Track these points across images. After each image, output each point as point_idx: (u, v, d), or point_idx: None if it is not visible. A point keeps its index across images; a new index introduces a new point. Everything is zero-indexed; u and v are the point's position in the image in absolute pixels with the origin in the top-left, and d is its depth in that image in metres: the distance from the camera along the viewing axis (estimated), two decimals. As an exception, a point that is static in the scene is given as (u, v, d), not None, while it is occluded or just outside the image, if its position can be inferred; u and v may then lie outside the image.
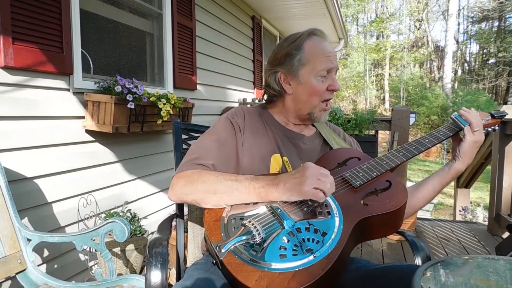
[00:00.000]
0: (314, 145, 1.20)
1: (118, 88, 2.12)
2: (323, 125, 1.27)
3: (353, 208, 0.91)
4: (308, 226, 0.87)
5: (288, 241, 0.83)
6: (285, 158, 1.11)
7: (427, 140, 1.08)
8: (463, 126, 1.05)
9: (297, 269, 0.77)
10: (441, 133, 1.09)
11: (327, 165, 1.08)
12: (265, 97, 1.23)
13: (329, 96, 1.13)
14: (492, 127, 1.14)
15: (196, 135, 1.38)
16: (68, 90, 2.07)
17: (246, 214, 0.91)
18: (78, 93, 2.12)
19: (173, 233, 1.50)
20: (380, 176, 1.00)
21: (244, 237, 0.84)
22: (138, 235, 2.20)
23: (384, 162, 1.04)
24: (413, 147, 1.07)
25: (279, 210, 0.89)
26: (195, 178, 0.98)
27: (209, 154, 1.04)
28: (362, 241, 0.97)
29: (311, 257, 0.79)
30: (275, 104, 1.21)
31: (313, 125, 1.25)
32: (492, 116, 1.13)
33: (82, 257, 2.14)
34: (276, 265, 0.78)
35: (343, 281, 0.94)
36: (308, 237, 0.84)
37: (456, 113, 1.09)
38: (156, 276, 0.89)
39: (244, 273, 0.77)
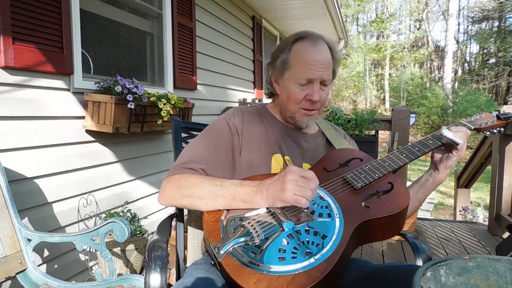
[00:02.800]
0: (317, 144, 1.19)
1: (118, 88, 2.12)
2: (326, 124, 1.26)
3: (354, 211, 0.90)
4: (308, 228, 0.86)
5: (288, 243, 0.82)
6: (287, 158, 1.10)
7: (430, 142, 1.07)
8: (460, 141, 1.00)
9: (296, 272, 0.76)
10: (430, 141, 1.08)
11: (329, 165, 1.07)
12: (267, 92, 1.23)
13: (308, 106, 1.07)
14: (498, 129, 1.12)
15: (196, 133, 1.37)
16: (68, 90, 2.07)
17: (245, 215, 0.90)
18: (78, 93, 2.12)
19: (173, 233, 1.50)
20: (382, 178, 0.99)
21: (243, 239, 0.84)
22: (138, 235, 2.20)
23: (387, 163, 1.02)
24: (416, 149, 1.06)
25: (279, 211, 0.89)
26: (182, 183, 0.97)
27: (200, 158, 1.03)
28: (363, 243, 0.97)
29: (311, 260, 0.78)
30: (274, 102, 1.20)
31: (316, 123, 1.24)
32: (498, 118, 1.11)
33: (82, 257, 2.14)
34: (275, 268, 0.77)
35: (343, 281, 0.94)
36: (308, 239, 0.83)
37: (445, 131, 1.02)
38: (155, 279, 0.88)
39: (242, 276, 0.77)
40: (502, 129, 1.13)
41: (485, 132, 1.13)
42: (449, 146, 1.04)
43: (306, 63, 1.04)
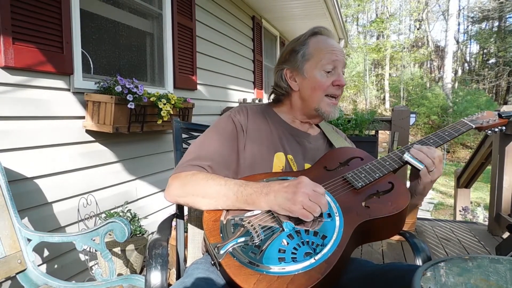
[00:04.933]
0: (319, 145, 1.19)
1: (118, 88, 2.12)
2: (327, 126, 1.27)
3: (354, 211, 0.90)
4: (308, 228, 0.85)
5: (288, 243, 0.82)
6: (290, 156, 1.10)
7: (431, 141, 1.05)
8: (420, 167, 0.96)
9: (296, 273, 0.76)
10: (447, 133, 1.07)
11: (329, 164, 1.07)
12: (272, 96, 1.23)
13: (335, 91, 1.11)
14: (499, 127, 1.11)
15: (196, 134, 1.37)
16: (68, 90, 2.07)
17: (245, 215, 0.90)
18: (78, 93, 2.12)
19: (173, 233, 1.50)
20: (382, 178, 0.99)
21: (242, 239, 0.83)
22: (138, 235, 2.20)
23: (387, 163, 1.02)
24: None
25: None
26: (187, 180, 0.98)
27: (207, 155, 1.04)
28: (363, 243, 0.96)
29: (311, 261, 0.78)
30: (282, 103, 1.20)
31: (317, 126, 1.24)
32: (500, 116, 1.10)
33: (82, 257, 2.14)
34: (274, 268, 0.77)
35: (343, 281, 0.94)
36: (307, 240, 0.83)
37: (407, 154, 0.99)
38: (156, 277, 0.89)
39: (242, 276, 0.77)
40: (504, 127, 1.12)
41: (486, 130, 1.12)
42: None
43: (328, 49, 1.09)
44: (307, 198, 0.84)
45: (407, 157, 0.99)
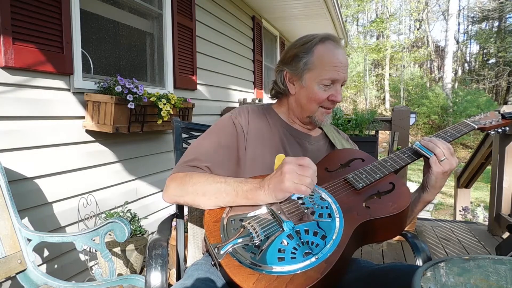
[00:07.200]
0: (320, 146, 1.19)
1: (118, 88, 2.12)
2: (329, 127, 1.27)
3: (354, 211, 0.90)
4: (307, 228, 0.85)
5: (287, 243, 0.82)
6: None
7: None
8: (428, 156, 0.97)
9: (295, 273, 0.76)
10: (448, 134, 1.06)
11: (330, 165, 1.07)
12: (272, 92, 1.23)
13: (329, 105, 1.11)
14: (502, 128, 1.11)
15: (196, 134, 1.37)
16: (68, 90, 2.07)
17: (246, 216, 0.90)
18: (78, 93, 2.12)
19: (173, 233, 1.50)
20: (383, 178, 0.99)
21: (242, 239, 0.84)
22: (138, 235, 2.20)
23: (388, 163, 1.02)
24: None
25: (279, 211, 0.89)
26: (186, 180, 0.98)
27: (205, 156, 1.04)
28: (364, 244, 0.96)
29: (310, 261, 0.78)
30: (281, 102, 1.21)
31: (319, 127, 1.24)
32: (503, 117, 1.10)
33: (82, 257, 2.15)
34: (274, 268, 0.77)
35: (343, 281, 0.94)
36: (307, 240, 0.83)
37: (417, 143, 1.01)
38: (155, 278, 0.89)
39: (241, 276, 0.77)
40: (507, 128, 1.11)
41: (489, 131, 1.12)
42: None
43: (332, 65, 1.07)
44: (294, 173, 0.84)
45: (416, 146, 1.00)
